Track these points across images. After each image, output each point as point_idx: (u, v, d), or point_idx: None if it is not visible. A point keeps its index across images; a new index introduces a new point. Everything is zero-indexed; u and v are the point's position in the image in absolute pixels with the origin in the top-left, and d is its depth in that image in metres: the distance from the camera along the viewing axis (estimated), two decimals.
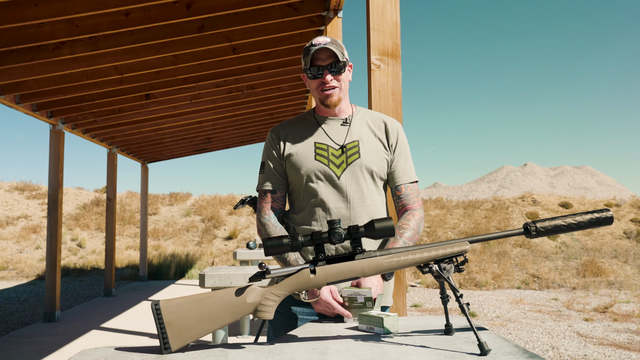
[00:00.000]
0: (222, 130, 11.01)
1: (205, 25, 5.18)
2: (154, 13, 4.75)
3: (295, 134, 2.02)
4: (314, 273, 1.40)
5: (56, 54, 5.14)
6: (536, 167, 65.99)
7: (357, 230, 1.41)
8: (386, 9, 2.68)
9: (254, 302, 1.39)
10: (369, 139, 1.99)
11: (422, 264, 1.43)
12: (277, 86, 8.16)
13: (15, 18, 4.27)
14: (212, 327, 1.37)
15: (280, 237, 1.41)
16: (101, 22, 4.72)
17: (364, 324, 1.59)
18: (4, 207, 18.68)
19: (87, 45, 5.13)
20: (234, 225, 17.93)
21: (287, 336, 1.54)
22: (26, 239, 16.71)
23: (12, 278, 13.76)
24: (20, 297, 10.49)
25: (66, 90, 6.51)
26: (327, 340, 1.48)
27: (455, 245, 1.43)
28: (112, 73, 6.07)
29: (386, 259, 1.42)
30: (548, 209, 18.91)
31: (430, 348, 1.37)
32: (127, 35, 5.12)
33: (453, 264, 1.42)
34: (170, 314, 1.35)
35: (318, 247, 1.41)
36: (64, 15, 4.33)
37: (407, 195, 2.01)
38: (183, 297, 1.38)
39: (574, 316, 8.71)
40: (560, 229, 1.45)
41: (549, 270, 13.56)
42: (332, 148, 1.96)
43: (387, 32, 2.67)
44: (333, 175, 1.93)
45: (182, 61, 6.04)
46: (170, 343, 1.33)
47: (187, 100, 7.90)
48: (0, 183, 20.70)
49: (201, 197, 20.92)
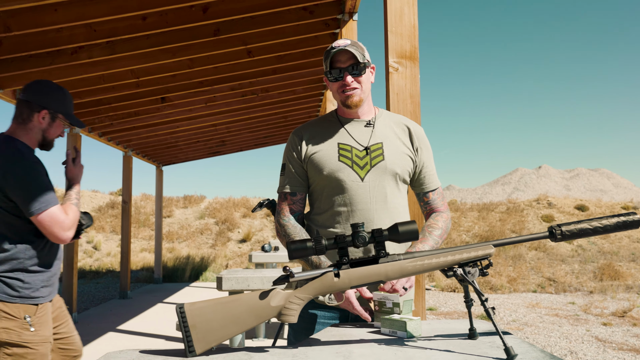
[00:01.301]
0: (237, 133, 11.06)
1: (221, 29, 5.21)
2: (171, 17, 4.78)
3: (318, 135, 2.01)
4: (338, 277, 1.40)
5: (74, 58, 5.19)
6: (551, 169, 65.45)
7: (381, 233, 1.41)
8: (404, 11, 2.67)
9: (278, 306, 1.39)
10: (392, 142, 1.98)
11: (446, 267, 1.42)
12: (291, 89, 8.18)
13: (35, 23, 4.32)
14: (236, 330, 1.37)
15: (304, 240, 1.41)
16: (118, 26, 4.76)
17: (387, 328, 1.59)
18: None
19: (104, 50, 5.18)
20: (247, 228, 17.99)
21: (310, 340, 1.54)
22: None
23: None
24: None
25: (83, 94, 6.57)
26: (350, 344, 1.48)
27: (479, 248, 1.42)
28: (128, 77, 6.12)
29: (410, 263, 1.41)
30: (564, 212, 18.74)
31: (455, 352, 1.36)
32: (144, 39, 5.15)
33: (477, 268, 1.41)
34: (195, 317, 1.35)
35: (342, 251, 1.41)
36: (83, 20, 4.37)
37: (435, 200, 2.04)
38: (207, 301, 1.38)
39: (592, 320, 8.61)
40: (586, 233, 1.43)
41: (565, 274, 13.42)
42: (355, 149, 1.94)
43: (405, 34, 2.67)
44: (357, 176, 1.92)
45: (197, 64, 6.08)
46: (195, 346, 1.34)
47: (202, 104, 7.94)
48: None
49: (215, 199, 21.02)
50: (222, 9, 4.82)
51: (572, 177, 63.58)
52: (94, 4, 4.30)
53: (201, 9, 4.76)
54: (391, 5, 2.66)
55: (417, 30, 2.66)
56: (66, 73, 5.59)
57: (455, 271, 1.41)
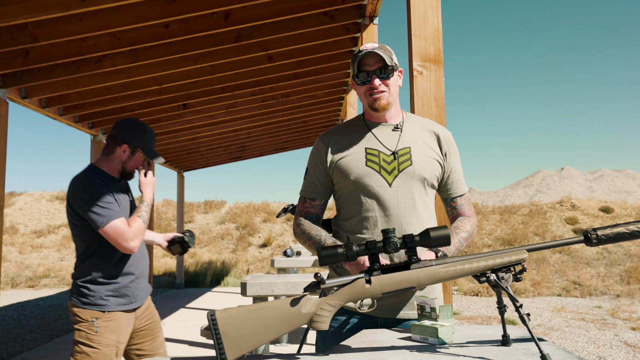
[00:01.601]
0: (257, 139, 11.10)
1: (242, 35, 5.24)
2: (193, 24, 4.82)
3: (345, 140, 1.99)
4: (369, 283, 1.39)
5: (98, 66, 5.26)
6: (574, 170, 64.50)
7: (413, 239, 1.40)
8: (428, 14, 2.66)
9: (309, 313, 1.38)
10: (420, 146, 1.96)
11: (478, 273, 1.40)
12: (311, 94, 8.19)
13: (61, 33, 4.38)
14: (267, 337, 1.36)
15: (335, 246, 1.40)
16: (142, 34, 4.81)
17: (418, 334, 1.57)
18: (46, 216, 19.20)
19: (127, 58, 5.24)
20: (268, 232, 18.03)
21: (340, 346, 1.53)
22: (67, 247, 17.11)
23: (54, 285, 14.10)
24: (62, 305, 10.74)
25: (107, 102, 6.66)
26: (382, 350, 1.46)
27: (512, 254, 1.40)
28: (151, 84, 6.18)
29: (442, 269, 1.39)
30: (588, 214, 18.45)
31: (490, 359, 1.34)
32: (166, 46, 5.20)
33: (511, 273, 1.39)
34: (226, 324, 1.35)
35: (373, 257, 1.40)
36: (107, 29, 4.42)
37: (462, 206, 2.02)
38: (238, 308, 1.38)
39: (620, 325, 8.45)
40: (623, 237, 1.40)
41: (591, 277, 13.21)
42: (383, 154, 1.92)
43: (429, 38, 2.65)
44: (384, 182, 1.90)
45: (219, 71, 6.12)
46: (227, 353, 1.34)
47: (223, 109, 7.99)
48: (42, 193, 21.29)
49: (235, 204, 21.11)
50: (243, 15, 4.84)
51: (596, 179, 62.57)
52: (118, 13, 4.35)
53: (222, 16, 4.80)
54: (415, 9, 2.65)
55: (441, 33, 2.64)
56: (90, 81, 5.67)
57: (488, 277, 1.39)
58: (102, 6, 3.98)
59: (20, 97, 5.62)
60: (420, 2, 2.65)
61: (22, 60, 4.81)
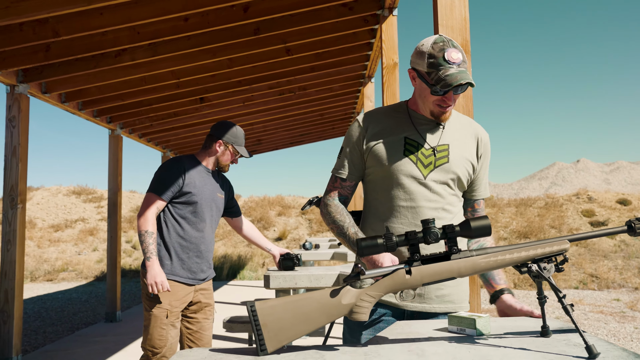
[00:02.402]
0: (273, 132, 11.11)
1: (260, 28, 5.23)
2: (212, 17, 4.81)
3: (385, 125, 1.95)
4: (410, 274, 1.38)
5: (117, 60, 5.28)
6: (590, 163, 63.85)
7: (453, 229, 1.38)
8: (455, 4, 2.62)
9: (349, 304, 1.37)
10: (459, 145, 1.94)
11: (519, 263, 1.38)
12: (328, 86, 8.17)
13: (81, 28, 4.40)
14: (307, 328, 1.36)
15: (374, 237, 1.39)
16: (161, 28, 4.82)
17: (454, 325, 1.55)
18: (63, 211, 19.39)
19: (147, 51, 5.25)
20: (283, 226, 18.06)
21: (378, 338, 1.52)
22: (84, 241, 17.27)
23: (72, 279, 14.26)
24: (81, 298, 10.85)
25: (125, 96, 6.69)
26: (420, 342, 1.45)
27: (554, 244, 1.38)
28: (169, 78, 6.20)
29: (483, 259, 1.38)
30: (605, 206, 18.26)
31: (532, 351, 1.32)
32: (185, 40, 5.21)
33: (553, 264, 1.37)
34: (266, 316, 1.34)
35: (413, 247, 1.39)
36: (127, 23, 4.43)
37: (482, 210, 2.05)
38: (278, 299, 1.38)
39: (639, 318, 8.38)
40: None
41: (609, 270, 13.08)
42: (422, 147, 1.90)
43: (457, 27, 2.61)
44: (420, 174, 1.88)
45: (237, 64, 6.12)
46: (267, 345, 1.33)
47: (240, 103, 8.00)
48: (59, 187, 21.49)
49: (250, 198, 21.16)
50: (263, 7, 4.83)
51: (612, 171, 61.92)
52: (138, 7, 4.36)
53: (242, 9, 4.79)
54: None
55: (469, 23, 2.61)
56: (109, 75, 5.70)
57: (529, 267, 1.37)
58: (123, 0, 3.99)
59: (41, 92, 5.66)
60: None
61: (43, 55, 4.84)
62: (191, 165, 3.28)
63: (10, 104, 5.29)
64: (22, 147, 5.31)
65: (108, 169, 8.13)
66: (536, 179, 71.29)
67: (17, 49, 4.78)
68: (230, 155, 3.35)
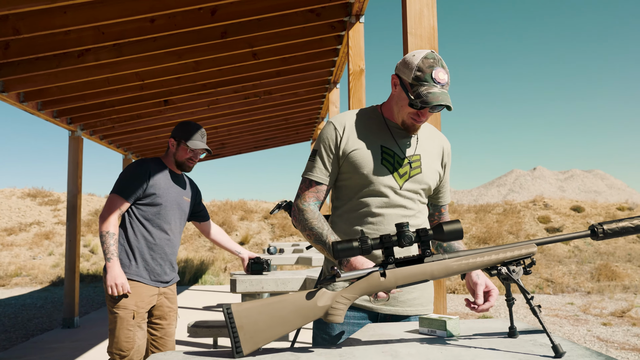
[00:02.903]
0: (237, 136, 11.04)
1: (228, 31, 5.21)
2: (179, 19, 4.77)
3: (362, 131, 1.94)
4: (384, 276, 1.40)
5: (81, 60, 5.17)
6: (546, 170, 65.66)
7: (427, 233, 1.41)
8: (423, 13, 2.68)
9: (324, 306, 1.39)
10: (429, 156, 1.98)
11: (490, 266, 1.43)
12: (294, 91, 8.18)
13: (44, 26, 4.30)
14: (283, 330, 1.37)
15: (350, 240, 1.41)
16: (127, 28, 4.74)
17: (425, 327, 1.59)
18: (17, 214, 18.80)
19: (111, 52, 5.16)
20: (245, 230, 17.96)
21: (351, 340, 1.54)
22: (39, 245, 16.78)
23: (26, 284, 13.81)
24: (36, 304, 10.53)
25: (87, 97, 6.55)
26: (393, 343, 1.48)
27: (522, 247, 1.43)
28: (133, 79, 6.10)
29: (455, 262, 1.42)
30: (560, 213, 18.81)
31: (501, 350, 1.36)
32: (151, 41, 5.14)
33: (521, 266, 1.42)
34: (242, 318, 1.35)
35: (387, 250, 1.41)
36: (92, 22, 4.35)
37: (446, 215, 2.13)
38: (254, 302, 1.38)
39: (592, 321, 8.65)
40: (628, 231, 1.44)
41: (563, 275, 13.47)
42: (398, 157, 1.92)
43: (425, 36, 2.67)
44: (395, 183, 1.90)
45: (203, 67, 6.07)
46: (242, 347, 1.34)
47: (205, 106, 7.93)
48: (13, 190, 20.84)
49: (212, 202, 20.96)
50: (230, 11, 4.82)
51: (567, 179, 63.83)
52: (103, 6, 4.29)
53: (209, 12, 4.76)
54: (411, 8, 2.67)
55: (437, 31, 2.67)
56: (72, 76, 5.58)
57: (499, 270, 1.41)
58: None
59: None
60: (416, 1, 2.68)
61: (2, 53, 4.70)
62: (156, 168, 3.27)
63: None
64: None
65: (68, 171, 7.94)
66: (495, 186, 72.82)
67: None
68: (184, 151, 3.29)
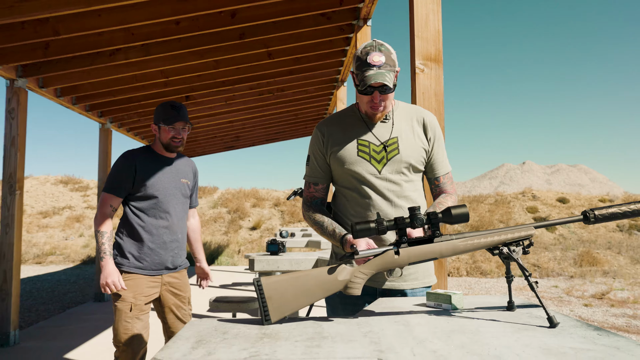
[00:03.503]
0: (250, 129, 11.07)
1: (246, 33, 5.23)
2: (202, 22, 4.80)
3: (339, 131, 2.00)
4: (398, 254, 1.44)
5: (112, 59, 5.21)
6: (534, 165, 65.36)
7: (436, 216, 1.44)
8: (429, 18, 2.70)
9: (344, 280, 1.42)
10: (407, 134, 1.97)
11: (492, 246, 1.46)
12: (304, 89, 8.19)
13: (80, 27, 4.34)
14: (307, 301, 1.41)
15: (367, 222, 1.44)
16: (154, 30, 4.77)
17: (432, 301, 1.62)
18: (51, 199, 18.94)
19: (139, 52, 5.19)
20: (257, 217, 18.02)
21: (365, 312, 1.58)
22: (70, 227, 16.92)
23: (60, 262, 13.96)
24: (70, 279, 10.65)
25: (116, 92, 6.59)
26: (403, 314, 1.52)
27: (522, 230, 1.46)
28: (158, 76, 6.14)
29: (462, 242, 1.45)
30: (547, 204, 18.78)
31: (501, 322, 1.40)
32: (176, 42, 5.17)
33: (521, 247, 1.45)
34: (271, 290, 1.39)
35: (401, 231, 1.44)
36: (123, 24, 4.39)
37: (445, 184, 2.03)
38: (281, 275, 1.42)
39: (574, 302, 8.68)
40: (616, 216, 1.47)
41: (549, 260, 13.48)
42: (373, 144, 1.94)
43: (430, 39, 2.69)
44: (374, 169, 1.92)
45: (222, 65, 6.09)
46: (270, 315, 1.38)
47: (222, 102, 7.96)
48: (48, 177, 20.97)
49: (227, 190, 21.01)
50: (248, 14, 4.83)
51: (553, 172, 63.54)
52: (133, 10, 4.31)
53: (230, 15, 4.78)
54: (417, 13, 2.68)
55: (441, 34, 2.68)
56: (103, 73, 5.61)
57: (501, 250, 1.44)
58: (120, 3, 3.95)
59: (38, 86, 5.55)
60: (423, 7, 2.69)
61: (42, 52, 4.75)
62: (144, 157, 2.96)
63: (10, 97, 5.17)
64: (20, 138, 5.20)
65: (98, 160, 8.00)
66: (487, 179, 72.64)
67: (18, 46, 4.68)
68: (166, 132, 2.93)
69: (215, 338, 1.27)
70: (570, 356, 1.10)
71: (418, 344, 1.19)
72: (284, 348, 1.17)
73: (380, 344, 1.19)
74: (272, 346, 1.19)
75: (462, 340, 1.22)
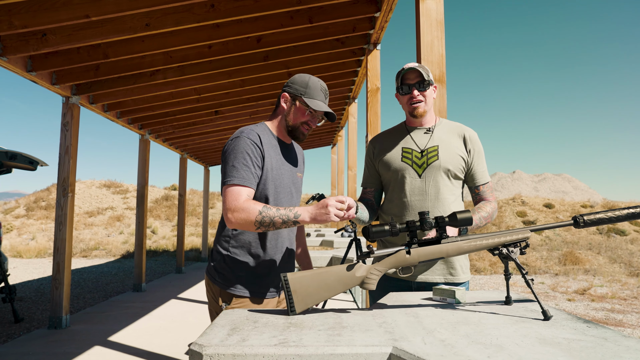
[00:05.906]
0: None
1: (269, 55, 5.26)
2: (231, 46, 4.84)
3: (388, 142, 2.06)
4: (409, 254, 1.44)
5: (152, 78, 5.27)
6: (523, 174, 64.73)
7: (443, 220, 1.44)
8: (434, 44, 2.70)
9: (361, 276, 1.43)
10: (447, 144, 1.98)
11: (493, 247, 1.45)
12: None
13: (126, 52, 4.40)
14: (328, 295, 1.41)
15: (382, 224, 1.44)
16: (189, 53, 4.83)
17: (438, 296, 1.62)
18: (95, 200, 19.14)
19: (176, 72, 5.25)
20: None
21: (378, 304, 1.58)
22: (112, 226, 17.08)
23: (102, 256, 14.09)
24: (111, 272, 10.73)
25: (156, 108, 6.66)
26: (413, 307, 1.51)
27: (519, 233, 1.45)
28: (191, 94, 6.19)
29: (466, 243, 1.44)
30: (534, 209, 18.58)
31: (500, 314, 1.39)
32: (207, 63, 5.22)
33: (518, 248, 1.44)
34: (296, 284, 1.39)
35: (412, 234, 1.44)
36: (162, 48, 4.44)
37: (484, 192, 2.01)
38: (305, 271, 1.42)
39: (559, 297, 8.58)
40: (604, 221, 1.45)
41: (536, 259, 13.34)
42: (415, 152, 1.97)
43: (435, 62, 2.69)
44: (415, 173, 1.95)
45: (247, 84, 6.13)
46: (296, 307, 1.38)
47: (247, 116, 8.00)
48: (93, 181, 21.21)
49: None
50: (272, 39, 4.87)
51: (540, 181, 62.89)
52: (172, 36, 4.37)
53: (255, 40, 4.82)
54: (424, 39, 2.69)
55: (445, 58, 2.68)
56: (144, 91, 5.68)
57: (500, 250, 1.43)
58: (161, 30, 4.00)
59: (89, 102, 5.62)
60: (428, 34, 2.69)
61: (93, 73, 4.82)
62: (265, 140, 1.89)
63: (65, 111, 5.25)
64: (72, 147, 5.27)
65: (138, 167, 8.07)
66: None
67: (73, 68, 4.76)
68: (302, 113, 1.90)
69: (247, 326, 1.28)
70: (563, 346, 1.09)
71: (428, 333, 1.19)
72: (309, 336, 1.17)
73: (394, 333, 1.19)
74: (299, 334, 1.19)
75: (467, 330, 1.22)
